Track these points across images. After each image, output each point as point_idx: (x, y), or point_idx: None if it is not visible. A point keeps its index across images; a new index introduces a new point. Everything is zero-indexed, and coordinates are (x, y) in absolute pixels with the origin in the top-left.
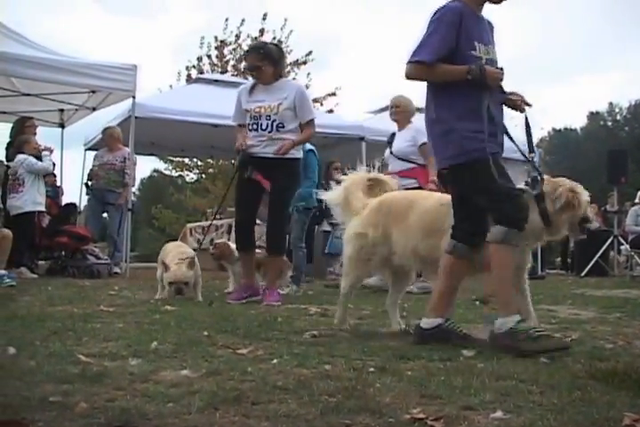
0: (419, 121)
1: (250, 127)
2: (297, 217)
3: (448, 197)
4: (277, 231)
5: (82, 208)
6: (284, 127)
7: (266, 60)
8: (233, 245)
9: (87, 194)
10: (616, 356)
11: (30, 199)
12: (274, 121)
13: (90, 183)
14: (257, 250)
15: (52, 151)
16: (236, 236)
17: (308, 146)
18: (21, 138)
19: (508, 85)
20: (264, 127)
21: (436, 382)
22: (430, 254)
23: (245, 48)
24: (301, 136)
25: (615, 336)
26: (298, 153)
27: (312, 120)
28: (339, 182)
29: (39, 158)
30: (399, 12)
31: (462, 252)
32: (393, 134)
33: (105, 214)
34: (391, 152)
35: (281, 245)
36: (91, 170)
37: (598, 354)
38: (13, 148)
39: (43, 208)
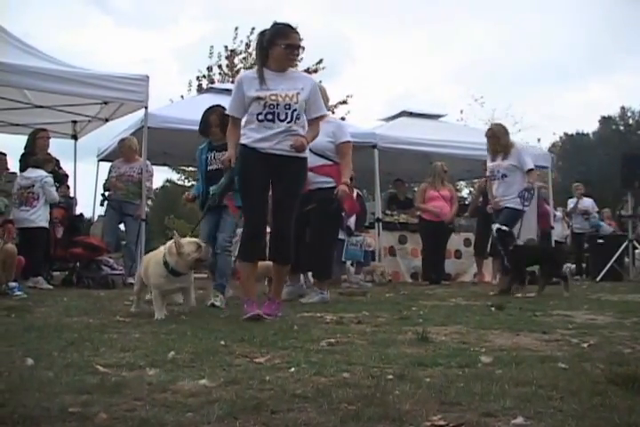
0: None
1: (262, 118)
2: (230, 217)
3: None
4: (287, 238)
5: (95, 218)
6: (299, 120)
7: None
8: None
9: (101, 205)
10: (635, 361)
11: (43, 215)
12: (294, 111)
13: (107, 194)
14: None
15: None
16: (246, 245)
17: None
18: (47, 157)
19: (521, 90)
20: (282, 118)
21: (455, 388)
22: None
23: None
24: (312, 133)
25: (633, 341)
26: (306, 152)
27: (322, 117)
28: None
29: (55, 176)
30: (410, 21)
31: None
32: None
33: (121, 225)
34: None
35: (291, 252)
36: (107, 181)
37: (617, 359)
38: (35, 159)
39: (47, 225)
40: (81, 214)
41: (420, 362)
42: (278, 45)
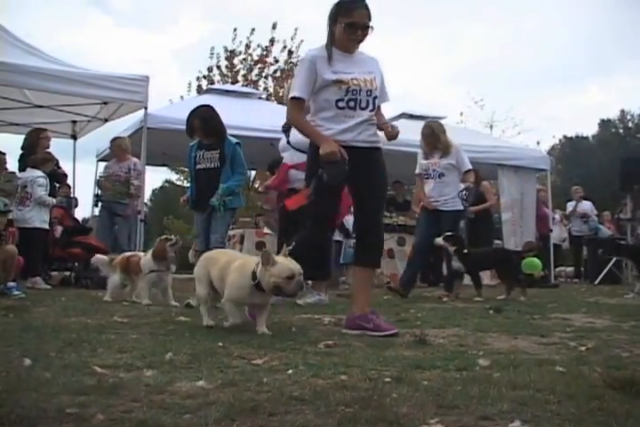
0: None
1: (343, 105)
2: (222, 215)
3: None
4: (378, 238)
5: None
6: (375, 107)
7: (370, 22)
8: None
9: (95, 205)
10: (633, 365)
11: (37, 216)
12: (374, 98)
13: (99, 194)
14: None
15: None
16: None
17: (235, 139)
18: (46, 155)
19: (521, 93)
20: (364, 105)
21: (452, 391)
22: None
23: (255, 57)
24: (385, 121)
25: (631, 345)
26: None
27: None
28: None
29: (54, 176)
30: (410, 23)
31: None
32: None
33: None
34: (288, 142)
35: (380, 254)
36: (98, 181)
37: (615, 363)
38: (33, 159)
39: (47, 226)
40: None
41: (418, 365)
42: (340, 23)
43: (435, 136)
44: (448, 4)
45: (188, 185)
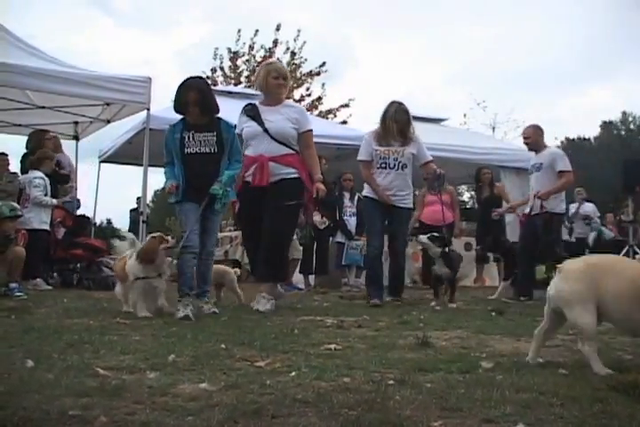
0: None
1: None
2: (220, 209)
3: None
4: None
5: (96, 220)
6: None
7: None
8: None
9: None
10: (636, 367)
11: (36, 218)
12: None
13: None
14: None
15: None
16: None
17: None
18: (45, 153)
19: (521, 96)
20: None
21: (456, 394)
22: None
23: (259, 59)
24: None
25: (634, 347)
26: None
27: None
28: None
29: (55, 176)
30: (412, 25)
31: None
32: (254, 106)
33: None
34: (266, 130)
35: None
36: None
37: (618, 365)
38: (30, 160)
39: (47, 227)
40: (87, 216)
41: (421, 367)
42: None
43: (408, 124)
44: (451, 5)
45: (165, 172)
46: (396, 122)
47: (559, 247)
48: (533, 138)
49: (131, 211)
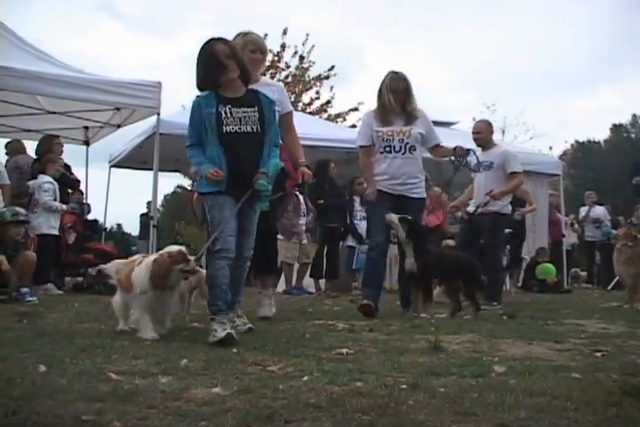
0: None
1: None
2: (264, 205)
3: None
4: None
5: (107, 224)
6: None
7: None
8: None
9: None
10: None
11: (45, 222)
12: None
13: None
14: None
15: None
16: None
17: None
18: (48, 157)
19: (531, 99)
20: None
21: (469, 398)
22: None
23: (267, 63)
24: None
25: None
26: None
27: None
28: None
29: (61, 179)
30: (421, 28)
31: None
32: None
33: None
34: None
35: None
36: None
37: (631, 369)
38: (35, 167)
39: (56, 232)
40: (97, 220)
41: (434, 371)
42: None
43: (408, 93)
44: (459, 8)
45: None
46: (393, 91)
47: (503, 250)
48: (484, 134)
49: (141, 215)
